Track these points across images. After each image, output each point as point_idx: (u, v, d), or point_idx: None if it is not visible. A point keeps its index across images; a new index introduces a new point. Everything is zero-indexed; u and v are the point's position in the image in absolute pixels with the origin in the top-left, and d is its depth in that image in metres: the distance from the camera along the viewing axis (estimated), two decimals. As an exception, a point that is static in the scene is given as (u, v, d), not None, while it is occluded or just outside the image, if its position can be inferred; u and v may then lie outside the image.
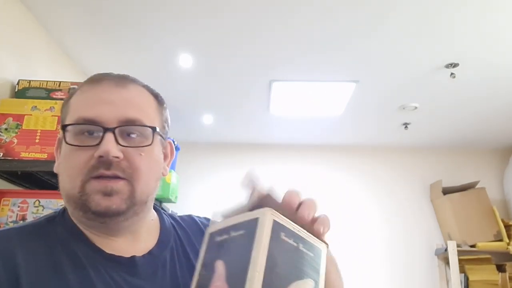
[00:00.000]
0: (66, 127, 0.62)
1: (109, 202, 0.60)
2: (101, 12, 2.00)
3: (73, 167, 0.61)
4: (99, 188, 0.60)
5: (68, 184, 0.62)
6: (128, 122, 0.63)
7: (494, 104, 2.90)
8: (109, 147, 0.59)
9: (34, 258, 0.58)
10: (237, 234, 0.50)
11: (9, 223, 1.54)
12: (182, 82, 2.68)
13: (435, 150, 3.84)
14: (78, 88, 0.68)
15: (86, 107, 0.63)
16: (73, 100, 0.66)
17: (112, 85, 0.65)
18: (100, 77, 0.67)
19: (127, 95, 0.65)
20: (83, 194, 0.60)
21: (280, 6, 1.93)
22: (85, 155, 0.61)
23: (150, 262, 0.66)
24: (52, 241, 0.62)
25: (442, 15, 1.98)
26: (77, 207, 0.62)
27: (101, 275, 0.60)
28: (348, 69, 2.50)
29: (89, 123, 0.61)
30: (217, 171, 3.77)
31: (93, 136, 0.62)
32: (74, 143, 0.61)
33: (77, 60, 2.43)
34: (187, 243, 0.72)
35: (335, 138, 3.69)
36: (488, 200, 3.41)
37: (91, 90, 0.65)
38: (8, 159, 1.60)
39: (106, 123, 0.61)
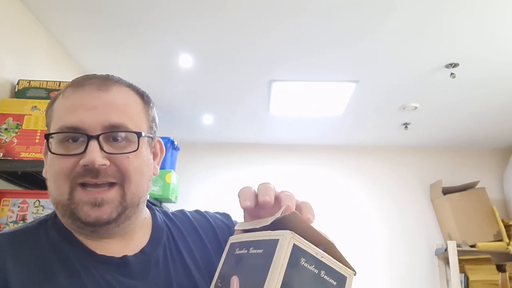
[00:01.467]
0: (50, 135, 0.62)
1: (99, 213, 0.60)
2: (101, 12, 2.00)
3: (59, 174, 0.61)
4: (87, 199, 0.60)
5: (55, 191, 0.62)
6: (112, 127, 0.62)
7: (494, 104, 2.90)
8: (94, 156, 0.59)
9: (25, 264, 0.58)
10: (255, 252, 0.49)
11: (9, 223, 1.54)
12: (182, 82, 2.68)
13: (435, 150, 3.84)
14: (61, 92, 0.66)
15: (68, 114, 0.62)
16: (56, 106, 0.65)
17: (94, 89, 0.63)
18: (82, 81, 0.65)
19: (110, 99, 0.63)
20: (72, 202, 0.60)
21: (280, 6, 1.93)
22: (70, 162, 0.60)
23: (142, 260, 0.65)
24: (43, 245, 0.62)
25: (442, 15, 1.98)
26: (65, 215, 0.62)
27: (93, 277, 0.60)
28: (348, 69, 2.50)
29: (72, 131, 0.60)
30: (217, 171, 3.77)
31: (77, 143, 0.61)
32: (59, 151, 0.61)
33: (77, 60, 2.43)
34: (180, 239, 0.72)
35: (335, 138, 3.69)
36: (488, 200, 3.41)
37: (73, 95, 0.63)
38: (8, 159, 1.60)
39: (90, 130, 0.60)
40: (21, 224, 1.51)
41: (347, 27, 2.09)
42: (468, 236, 3.27)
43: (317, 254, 0.48)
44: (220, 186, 3.71)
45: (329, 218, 3.63)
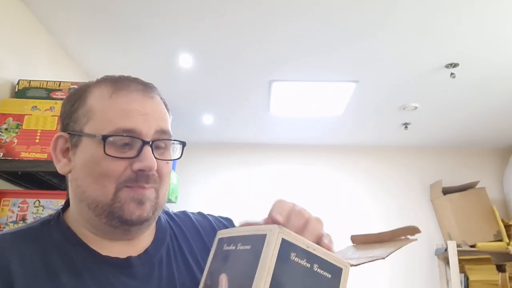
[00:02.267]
0: (107, 137, 0.61)
1: (141, 211, 0.62)
2: (101, 13, 2.00)
3: (108, 176, 0.61)
4: (133, 196, 0.61)
5: (96, 191, 0.62)
6: (162, 135, 0.65)
7: (494, 104, 2.90)
8: (152, 162, 0.61)
9: (28, 264, 0.58)
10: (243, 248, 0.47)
11: (9, 223, 1.55)
12: (182, 82, 2.68)
13: (435, 150, 3.84)
14: (94, 88, 0.66)
15: (123, 117, 0.62)
16: (97, 105, 0.64)
17: (141, 95, 0.65)
18: (124, 83, 0.66)
19: (157, 107, 0.67)
20: (116, 202, 0.61)
21: (280, 6, 1.93)
22: (122, 165, 0.61)
23: (146, 261, 0.65)
24: (47, 245, 0.62)
25: (442, 16, 1.98)
26: (102, 214, 0.62)
27: (97, 278, 0.60)
28: (348, 69, 2.50)
29: (129, 135, 0.62)
30: (217, 171, 3.77)
31: (128, 146, 0.62)
32: (111, 153, 0.61)
33: (77, 60, 2.43)
34: (183, 240, 0.72)
35: (335, 138, 3.69)
36: (488, 200, 3.41)
37: (123, 98, 0.64)
38: (8, 159, 1.60)
39: (144, 135, 0.62)
40: (21, 224, 1.51)
41: (347, 27, 2.09)
42: (468, 236, 3.27)
43: (309, 247, 0.46)
44: (220, 186, 3.71)
45: (329, 218, 3.63)
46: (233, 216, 0.83)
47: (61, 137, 0.67)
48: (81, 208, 0.64)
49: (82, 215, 0.65)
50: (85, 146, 0.63)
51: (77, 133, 0.64)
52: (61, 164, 0.66)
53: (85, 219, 0.65)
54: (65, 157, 0.66)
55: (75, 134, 0.64)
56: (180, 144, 0.68)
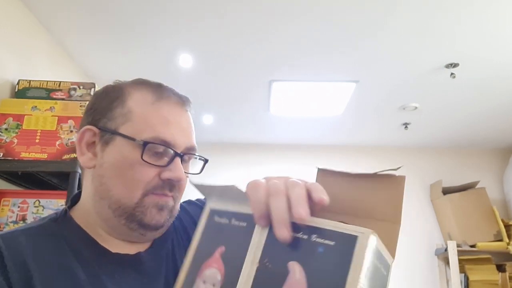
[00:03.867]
0: (147, 144, 0.62)
1: (161, 217, 0.64)
2: (101, 13, 2.00)
3: (138, 181, 0.62)
4: (158, 202, 0.63)
5: (122, 193, 0.63)
6: (191, 150, 0.68)
7: (494, 104, 2.90)
8: (182, 173, 0.64)
9: (43, 259, 0.58)
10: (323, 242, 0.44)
11: (9, 223, 1.55)
12: (182, 82, 2.68)
13: (435, 150, 3.84)
14: (134, 90, 0.67)
15: (163, 127, 0.64)
16: (137, 108, 0.65)
17: (179, 106, 0.68)
18: (166, 92, 0.68)
19: (190, 121, 0.70)
20: (140, 206, 0.63)
21: (280, 6, 1.93)
22: (151, 172, 0.63)
23: (154, 255, 0.66)
24: (59, 241, 0.62)
25: (442, 16, 1.98)
26: (123, 215, 0.63)
27: (109, 275, 0.61)
28: (348, 69, 2.50)
29: (165, 145, 0.63)
30: (217, 171, 3.77)
31: (160, 155, 0.64)
32: (146, 158, 0.62)
33: (77, 60, 2.43)
34: (183, 231, 0.74)
35: (335, 138, 3.69)
36: (488, 200, 3.41)
37: (163, 107, 0.66)
38: (8, 159, 1.60)
39: (177, 147, 0.65)
40: (21, 224, 1.51)
41: (347, 27, 2.09)
42: (468, 236, 3.27)
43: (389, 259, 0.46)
44: (220, 186, 3.71)
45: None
46: None
47: (89, 130, 0.66)
48: (101, 206, 0.64)
49: (99, 213, 0.65)
50: (119, 146, 0.64)
51: (111, 131, 0.64)
52: (85, 158, 0.66)
53: (101, 217, 0.65)
54: (90, 151, 0.66)
55: (108, 131, 0.64)
56: (204, 160, 0.72)
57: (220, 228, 0.50)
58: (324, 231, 0.44)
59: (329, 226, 0.45)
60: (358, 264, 0.41)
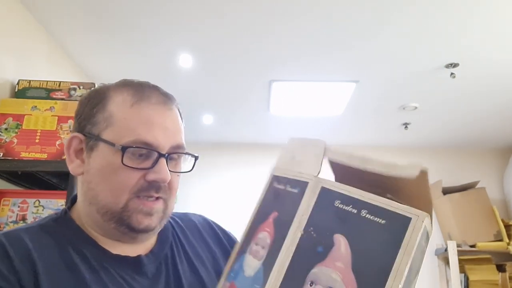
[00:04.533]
0: (126, 148, 0.62)
1: (149, 221, 0.64)
2: (101, 13, 2.00)
3: (123, 186, 0.62)
4: (142, 208, 0.63)
5: (109, 198, 0.63)
6: (178, 148, 0.67)
7: (494, 104, 2.90)
8: (166, 174, 0.63)
9: (48, 256, 0.59)
10: (372, 219, 0.43)
11: (9, 223, 1.54)
12: (182, 82, 2.68)
13: (435, 150, 3.84)
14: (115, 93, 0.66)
15: (144, 129, 0.63)
16: (118, 112, 0.65)
17: (161, 106, 0.67)
18: (146, 92, 0.67)
19: (175, 119, 0.69)
20: (125, 210, 0.63)
21: (280, 6, 1.93)
22: (135, 176, 0.63)
23: (153, 261, 0.67)
24: (61, 240, 0.63)
25: (442, 15, 1.98)
26: (112, 219, 0.63)
27: (110, 274, 0.61)
28: (348, 69, 2.50)
29: (147, 147, 0.63)
30: (217, 171, 3.77)
31: (143, 157, 0.63)
32: (127, 163, 0.62)
33: (77, 60, 2.43)
34: (184, 238, 0.74)
35: (335, 138, 3.69)
36: (488, 200, 3.40)
37: (144, 109, 0.65)
38: (8, 159, 1.60)
39: (160, 148, 0.64)
40: (21, 224, 1.51)
41: (347, 27, 2.09)
42: (468, 236, 3.27)
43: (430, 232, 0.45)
44: (220, 186, 3.71)
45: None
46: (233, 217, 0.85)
47: (76, 137, 0.67)
48: (90, 211, 0.65)
49: (91, 218, 0.66)
50: (102, 151, 0.64)
51: (95, 137, 0.64)
52: (74, 165, 0.67)
53: (93, 221, 0.66)
54: (78, 158, 0.67)
55: (92, 137, 0.65)
56: (193, 157, 0.70)
57: (276, 194, 0.50)
58: (376, 208, 0.43)
59: (381, 204, 0.43)
60: (409, 247, 0.40)
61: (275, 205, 0.50)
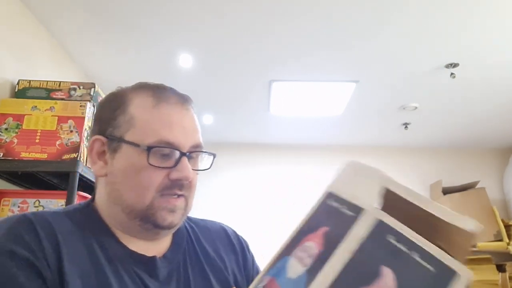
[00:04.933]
0: (151, 148, 0.64)
1: (173, 218, 0.66)
2: (102, 12, 2.00)
3: (146, 184, 0.65)
4: (166, 206, 0.66)
5: (134, 198, 0.65)
6: (197, 147, 0.70)
7: (494, 104, 2.90)
8: (189, 172, 0.66)
9: (72, 240, 0.62)
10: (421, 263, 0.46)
11: None
12: (182, 82, 2.68)
13: (435, 150, 3.84)
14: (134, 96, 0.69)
15: (165, 129, 0.66)
16: (139, 113, 0.67)
17: (180, 106, 0.69)
18: (165, 93, 0.69)
19: (193, 119, 0.71)
20: (151, 208, 0.65)
21: (280, 6, 1.93)
22: (159, 175, 0.65)
23: (166, 264, 0.69)
24: (84, 229, 0.65)
25: (442, 15, 1.98)
26: (137, 217, 0.66)
27: (126, 268, 0.64)
28: (348, 69, 2.50)
29: (170, 146, 0.65)
30: (217, 171, 3.77)
31: (166, 156, 0.66)
32: (152, 162, 0.64)
33: (77, 60, 2.43)
34: (199, 245, 0.76)
35: (335, 138, 3.69)
36: (488, 200, 3.40)
37: (163, 110, 0.67)
38: (8, 159, 1.60)
39: (181, 147, 0.66)
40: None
41: (347, 27, 2.09)
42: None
43: None
44: (220, 186, 3.71)
45: (329, 218, 3.63)
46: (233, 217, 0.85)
47: (98, 140, 0.69)
48: (115, 210, 0.67)
49: (114, 217, 0.68)
50: (126, 153, 0.66)
51: (117, 139, 0.67)
52: (97, 167, 0.69)
53: (116, 220, 0.68)
54: (101, 160, 0.69)
55: (114, 139, 0.67)
56: (211, 155, 0.73)
57: (330, 211, 0.53)
58: (428, 255, 0.46)
59: (435, 252, 0.47)
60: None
61: (326, 221, 0.52)
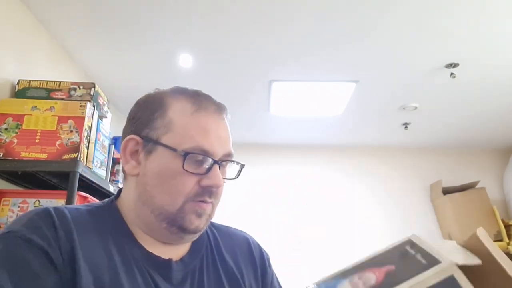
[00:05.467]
0: (188, 154, 0.66)
1: (199, 222, 0.68)
2: (102, 12, 2.00)
3: (179, 189, 0.67)
4: (196, 209, 0.67)
5: (165, 201, 0.67)
6: (228, 156, 0.72)
7: (494, 104, 2.90)
8: (220, 180, 0.68)
9: (87, 233, 0.64)
10: None
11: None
12: (182, 82, 2.68)
13: (435, 150, 3.84)
14: (174, 100, 0.71)
15: (202, 137, 0.68)
16: (177, 118, 0.69)
17: (217, 115, 0.72)
18: (204, 102, 0.72)
19: (226, 128, 0.75)
20: (180, 212, 0.67)
21: (280, 6, 1.93)
22: (192, 180, 0.67)
23: (181, 268, 0.70)
24: (104, 227, 0.67)
25: (442, 15, 1.98)
26: (165, 220, 0.67)
27: (140, 269, 0.65)
28: (348, 69, 2.50)
29: (205, 154, 0.67)
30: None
31: (199, 163, 0.67)
32: (187, 168, 0.66)
33: (77, 60, 2.43)
34: (218, 252, 0.77)
35: (335, 138, 3.69)
36: (488, 200, 3.41)
37: (201, 118, 0.70)
38: (8, 159, 1.60)
39: (215, 156, 0.68)
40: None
41: (347, 27, 2.09)
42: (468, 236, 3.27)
43: None
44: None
45: (329, 218, 3.63)
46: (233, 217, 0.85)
47: (133, 139, 0.71)
48: (143, 210, 0.68)
49: (141, 217, 0.69)
50: (161, 155, 0.68)
51: (154, 141, 0.68)
52: (129, 166, 0.70)
53: (141, 220, 0.69)
54: (133, 159, 0.71)
55: (150, 141, 0.68)
56: (239, 165, 0.75)
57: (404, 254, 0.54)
58: None
59: None
60: None
61: (395, 262, 0.54)
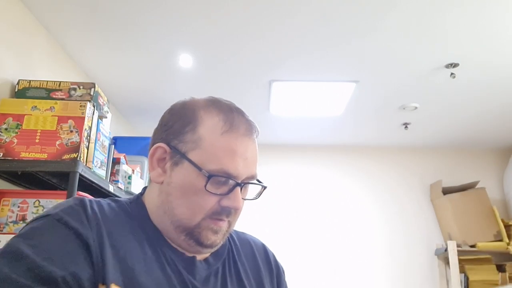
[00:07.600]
0: (212, 176, 0.67)
1: (216, 238, 0.70)
2: (102, 12, 2.00)
3: (199, 206, 0.68)
4: (212, 227, 0.69)
5: (185, 215, 0.69)
6: (251, 178, 0.72)
7: (494, 104, 2.90)
8: (240, 203, 0.69)
9: (115, 226, 0.66)
10: None
11: (9, 223, 1.54)
12: (182, 82, 2.68)
13: (435, 150, 3.84)
14: (206, 116, 0.71)
15: (228, 159, 0.68)
16: (207, 136, 0.69)
17: (247, 136, 0.72)
18: (236, 120, 0.71)
19: (254, 150, 0.73)
20: (197, 228, 0.69)
21: (280, 6, 1.93)
22: (212, 200, 0.68)
23: (205, 268, 0.72)
24: (131, 219, 0.70)
25: (442, 15, 1.98)
26: (183, 232, 0.69)
27: (168, 259, 0.68)
28: (348, 69, 2.50)
29: (228, 176, 0.68)
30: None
31: (221, 183, 0.68)
32: (210, 189, 0.67)
33: (77, 60, 2.43)
34: (239, 259, 0.80)
35: (335, 138, 3.69)
36: (488, 200, 3.41)
37: (231, 139, 0.69)
38: (8, 159, 1.60)
39: (239, 178, 0.69)
40: (21, 225, 1.51)
41: (347, 27, 2.09)
42: (468, 236, 3.27)
43: None
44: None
45: (329, 218, 3.63)
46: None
47: (162, 148, 0.72)
48: (164, 219, 0.71)
49: (162, 223, 0.71)
50: (187, 170, 0.69)
51: (181, 154, 0.69)
52: (155, 173, 0.72)
53: (162, 227, 0.71)
54: (159, 166, 0.72)
55: (178, 153, 0.70)
56: (262, 186, 0.75)
57: None
58: None
59: None
60: None
61: None
